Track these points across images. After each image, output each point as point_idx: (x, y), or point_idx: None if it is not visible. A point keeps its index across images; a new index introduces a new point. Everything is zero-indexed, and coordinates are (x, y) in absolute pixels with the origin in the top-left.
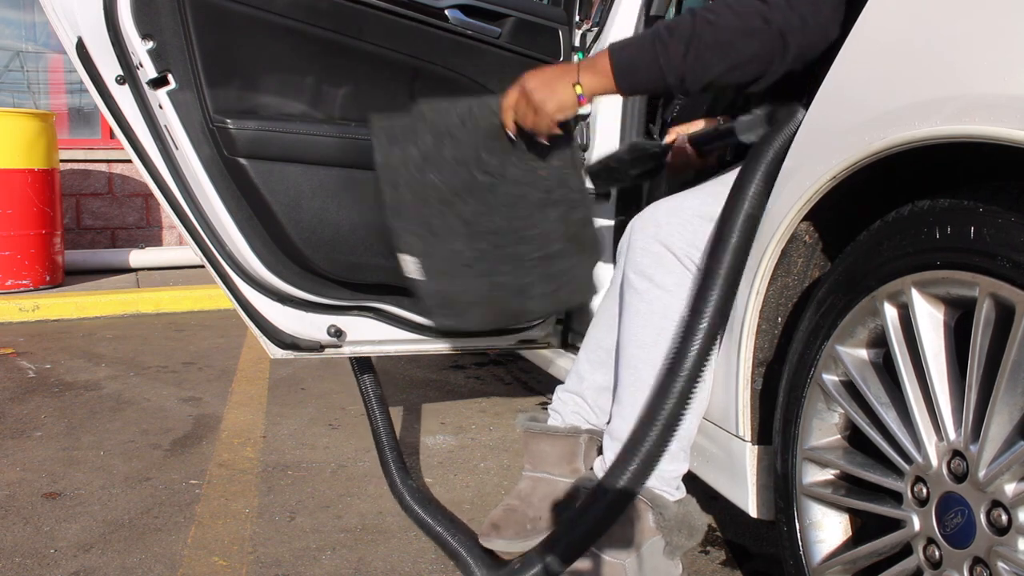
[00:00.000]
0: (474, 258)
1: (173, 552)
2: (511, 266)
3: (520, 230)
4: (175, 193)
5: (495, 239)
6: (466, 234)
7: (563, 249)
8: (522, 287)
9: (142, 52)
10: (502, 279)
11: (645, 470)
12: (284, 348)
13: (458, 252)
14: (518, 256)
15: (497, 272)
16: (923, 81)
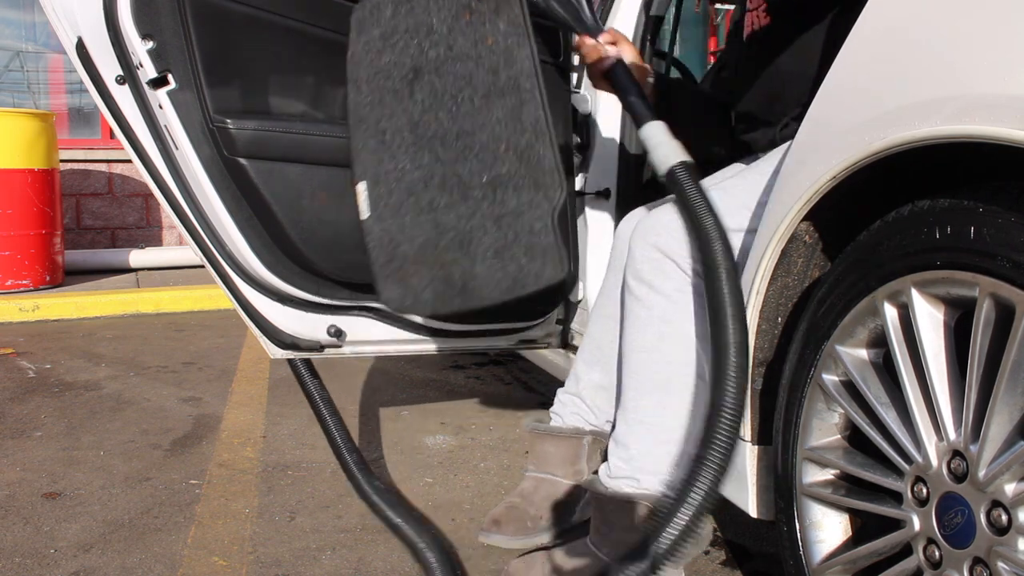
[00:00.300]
0: (419, 180)
1: (173, 552)
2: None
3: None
4: (175, 193)
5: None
6: (412, 142)
7: (511, 175)
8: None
9: (142, 52)
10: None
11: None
12: (284, 348)
13: (403, 172)
14: (462, 181)
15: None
16: (923, 81)
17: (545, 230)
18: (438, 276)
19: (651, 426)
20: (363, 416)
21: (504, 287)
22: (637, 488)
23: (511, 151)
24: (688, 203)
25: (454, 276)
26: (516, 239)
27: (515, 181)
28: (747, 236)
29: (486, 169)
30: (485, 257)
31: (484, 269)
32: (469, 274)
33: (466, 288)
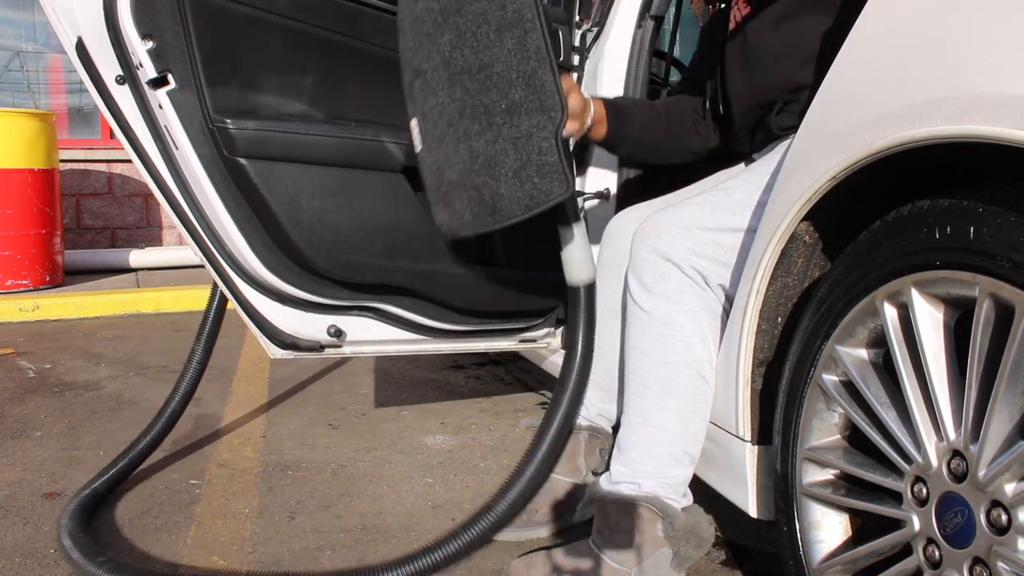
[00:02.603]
0: (455, 112)
1: (173, 552)
2: (482, 124)
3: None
4: (175, 193)
5: (468, 82)
6: (447, 78)
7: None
8: (493, 159)
9: (142, 52)
10: (476, 145)
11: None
12: (284, 348)
13: (444, 105)
14: (487, 110)
15: (473, 133)
16: (923, 81)
17: (550, 149)
18: (474, 198)
19: (652, 427)
20: (363, 416)
21: (524, 205)
22: (638, 491)
23: (521, 78)
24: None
25: (485, 197)
26: (529, 160)
27: (526, 106)
28: (747, 236)
29: (504, 97)
30: (507, 178)
31: (507, 189)
32: (497, 194)
33: (495, 208)
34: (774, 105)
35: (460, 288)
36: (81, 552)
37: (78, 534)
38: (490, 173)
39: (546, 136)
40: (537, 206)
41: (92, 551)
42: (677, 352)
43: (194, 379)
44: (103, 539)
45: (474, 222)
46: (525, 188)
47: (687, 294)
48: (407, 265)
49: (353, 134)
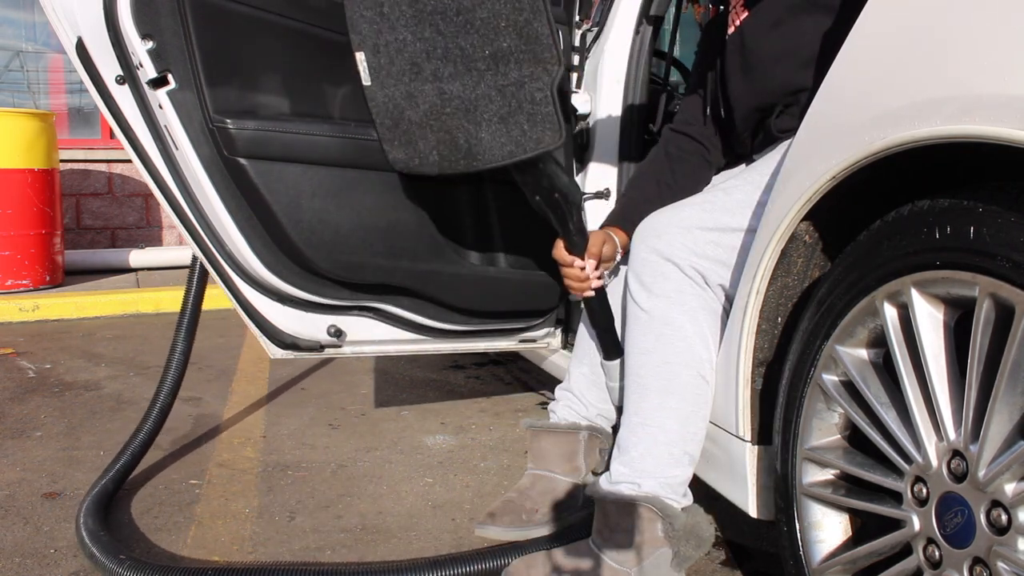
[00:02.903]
0: (421, 50)
1: (173, 552)
2: (457, 67)
3: (464, 11)
4: (175, 193)
5: (440, 23)
6: (412, 15)
7: (511, 50)
8: (473, 103)
9: (142, 52)
10: (451, 86)
11: None
12: (284, 348)
13: (405, 42)
14: (464, 54)
15: (445, 75)
16: (923, 81)
17: (545, 100)
18: (444, 140)
19: (652, 427)
20: (363, 416)
21: (507, 151)
22: (638, 491)
23: (511, 27)
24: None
25: (459, 140)
26: (519, 107)
27: (516, 55)
28: (747, 236)
29: (487, 43)
30: (491, 123)
31: (489, 134)
32: (475, 138)
33: (471, 151)
34: (774, 108)
35: (460, 288)
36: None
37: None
38: (467, 117)
39: (540, 87)
40: (523, 153)
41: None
42: (677, 352)
43: (179, 370)
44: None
45: (440, 163)
46: (512, 134)
47: (687, 294)
48: (407, 265)
49: (353, 134)
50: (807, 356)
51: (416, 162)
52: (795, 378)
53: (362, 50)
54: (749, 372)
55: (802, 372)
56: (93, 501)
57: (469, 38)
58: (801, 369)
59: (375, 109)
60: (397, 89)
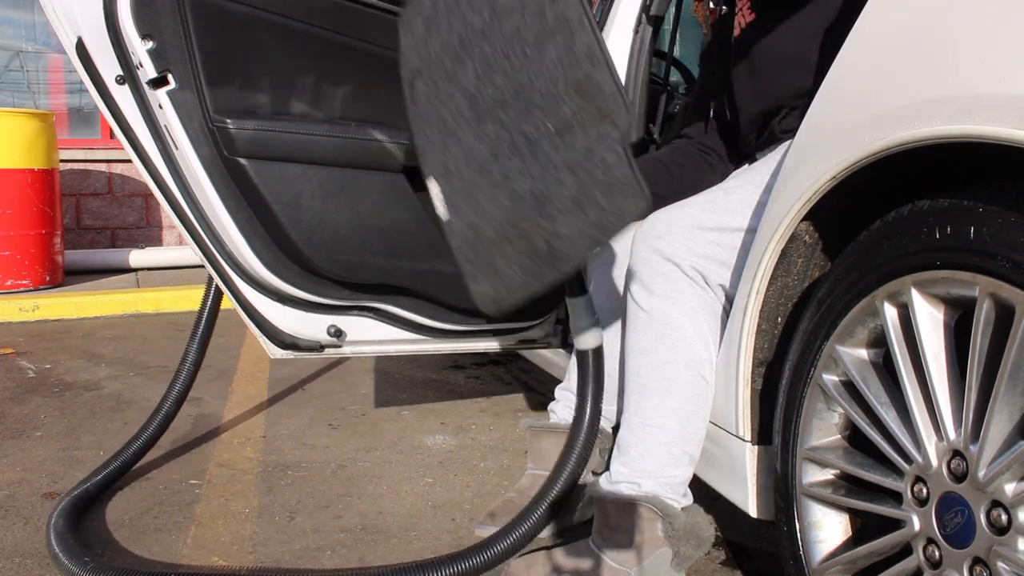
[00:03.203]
0: (487, 154)
1: (173, 552)
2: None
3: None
4: (175, 193)
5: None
6: (473, 117)
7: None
8: (544, 196)
9: (142, 52)
10: (520, 185)
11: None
12: (284, 348)
13: (471, 150)
14: (529, 139)
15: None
16: (923, 81)
17: (619, 161)
18: (522, 249)
19: (652, 427)
20: (363, 416)
21: (590, 237)
22: (638, 491)
23: (570, 88)
24: (584, 386)
25: (538, 243)
26: (592, 180)
27: (579, 119)
28: (747, 236)
29: (550, 116)
30: (565, 212)
31: (567, 226)
32: (554, 235)
33: (552, 252)
34: (780, 110)
35: (460, 288)
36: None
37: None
38: (542, 213)
39: (610, 146)
40: (607, 235)
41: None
42: (677, 352)
43: (188, 380)
44: (101, 539)
45: (524, 279)
46: (590, 216)
47: (687, 294)
48: (407, 265)
49: (353, 134)
50: (807, 356)
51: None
52: (795, 378)
53: (432, 176)
54: (749, 372)
55: (802, 372)
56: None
57: (532, 119)
58: (801, 369)
59: (456, 244)
60: (471, 208)
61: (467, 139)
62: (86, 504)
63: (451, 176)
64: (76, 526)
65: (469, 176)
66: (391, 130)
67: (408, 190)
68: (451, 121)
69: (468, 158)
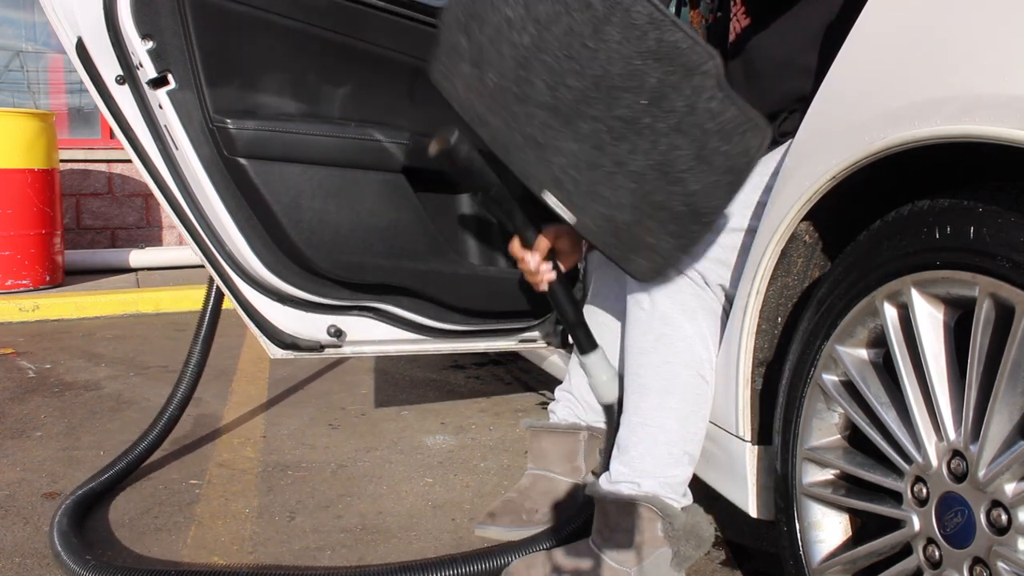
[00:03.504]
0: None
1: (173, 552)
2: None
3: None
4: (175, 193)
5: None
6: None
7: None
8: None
9: (142, 52)
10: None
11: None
12: (284, 348)
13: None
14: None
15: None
16: (923, 81)
17: (723, 105)
18: (665, 218)
19: (652, 427)
20: (363, 416)
21: (725, 184)
22: (638, 491)
23: (648, 58)
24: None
25: (676, 208)
26: (705, 133)
27: (669, 83)
28: (747, 236)
29: (639, 93)
30: (692, 170)
31: (697, 182)
32: (689, 195)
33: (695, 210)
34: (779, 114)
35: (460, 288)
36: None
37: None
38: (668, 180)
39: (710, 95)
40: (743, 176)
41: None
42: (677, 352)
43: (192, 382)
44: (102, 539)
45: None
46: (717, 165)
47: (687, 294)
48: (407, 265)
49: (353, 134)
50: (807, 356)
51: (659, 259)
52: (795, 378)
53: (545, 190)
54: (749, 372)
55: (802, 372)
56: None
57: (621, 101)
58: (801, 369)
59: (593, 237)
60: (597, 203)
61: (565, 145)
62: (90, 504)
63: (564, 183)
64: (80, 526)
65: (582, 176)
66: (391, 130)
67: (408, 190)
68: (540, 136)
69: (574, 161)
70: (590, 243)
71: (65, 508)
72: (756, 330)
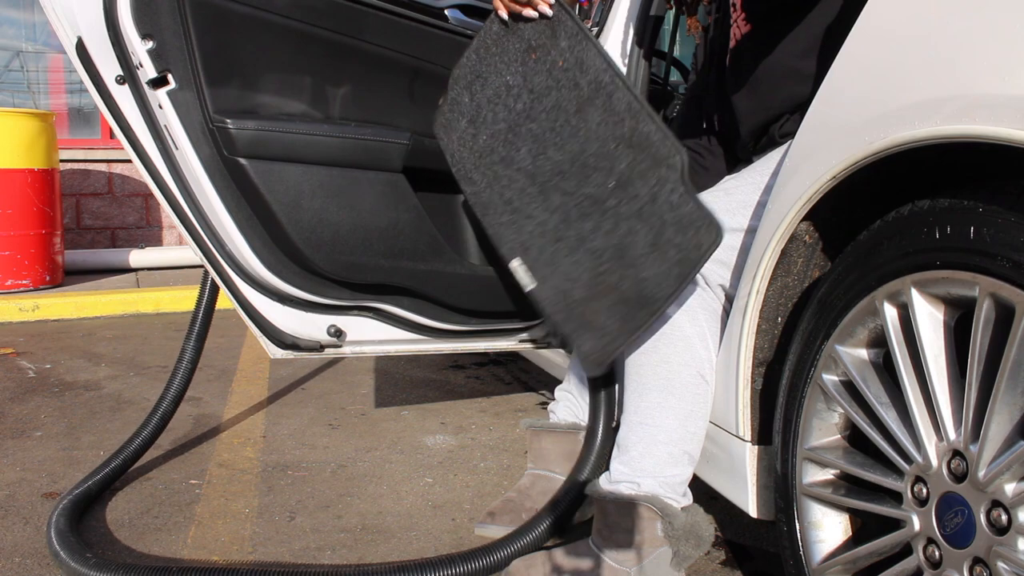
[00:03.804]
0: (559, 222)
1: (173, 552)
2: (595, 219)
3: (578, 156)
4: (175, 193)
5: (563, 183)
6: (538, 192)
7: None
8: (622, 247)
9: (142, 52)
10: (596, 243)
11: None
12: (284, 348)
13: (543, 222)
14: (594, 199)
15: (586, 235)
16: (923, 81)
17: (683, 199)
18: (615, 300)
19: (651, 426)
20: (363, 416)
21: (676, 275)
22: (637, 490)
23: (621, 144)
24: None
25: (627, 291)
26: (663, 223)
27: (637, 169)
28: (747, 236)
29: (608, 175)
30: (647, 256)
31: (650, 269)
32: (640, 280)
33: (643, 296)
34: (780, 118)
35: (460, 288)
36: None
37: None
38: (623, 263)
39: (672, 187)
40: (693, 267)
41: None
42: (677, 352)
43: (185, 378)
44: (102, 538)
45: (625, 327)
46: (670, 256)
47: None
48: (407, 265)
49: (353, 134)
50: (807, 356)
51: (604, 342)
52: (795, 378)
53: (515, 255)
54: (749, 372)
55: (802, 372)
56: (71, 502)
57: (592, 180)
58: (801, 369)
59: (549, 309)
60: (556, 275)
61: (537, 213)
62: (87, 503)
63: (530, 250)
64: (77, 525)
65: (547, 246)
66: (391, 130)
67: (408, 190)
68: (516, 200)
69: (542, 230)
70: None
71: (62, 508)
72: (756, 330)
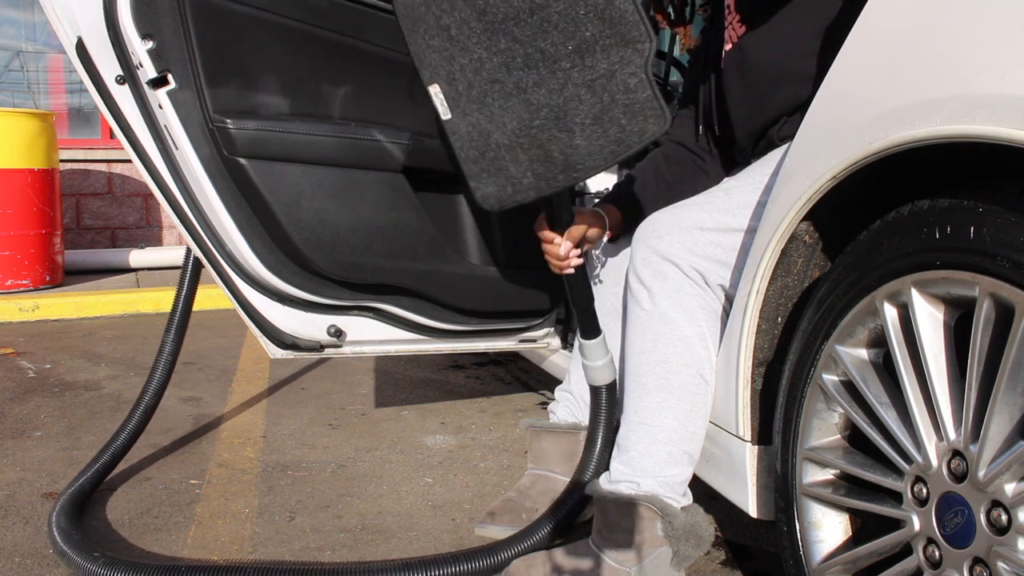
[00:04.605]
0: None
1: (173, 552)
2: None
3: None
4: (175, 193)
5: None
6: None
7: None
8: (562, 109)
9: (142, 52)
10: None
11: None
12: (284, 348)
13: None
14: (546, 55)
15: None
16: (923, 81)
17: (641, 85)
18: (537, 157)
19: (651, 426)
20: (363, 416)
21: (608, 152)
22: (637, 490)
23: (591, 13)
24: (597, 423)
25: (553, 153)
26: (613, 101)
27: (601, 43)
28: (747, 236)
29: (569, 38)
30: (584, 126)
31: (585, 139)
32: (570, 147)
33: (568, 162)
34: (779, 120)
35: (460, 288)
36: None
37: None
38: (559, 125)
39: (632, 71)
40: (627, 150)
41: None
42: (676, 352)
43: (166, 371)
44: (102, 538)
45: (537, 184)
46: (610, 133)
47: (687, 294)
48: (407, 265)
49: (353, 134)
50: (807, 356)
51: (509, 191)
52: (795, 378)
53: (435, 82)
54: (749, 372)
55: (802, 372)
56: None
57: (549, 37)
58: (801, 369)
59: (458, 143)
60: (481, 114)
61: (475, 50)
62: (83, 501)
63: (456, 83)
64: (79, 523)
65: (479, 84)
66: (391, 130)
67: (408, 190)
68: (455, 30)
69: (477, 67)
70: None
71: (60, 507)
72: (756, 330)
